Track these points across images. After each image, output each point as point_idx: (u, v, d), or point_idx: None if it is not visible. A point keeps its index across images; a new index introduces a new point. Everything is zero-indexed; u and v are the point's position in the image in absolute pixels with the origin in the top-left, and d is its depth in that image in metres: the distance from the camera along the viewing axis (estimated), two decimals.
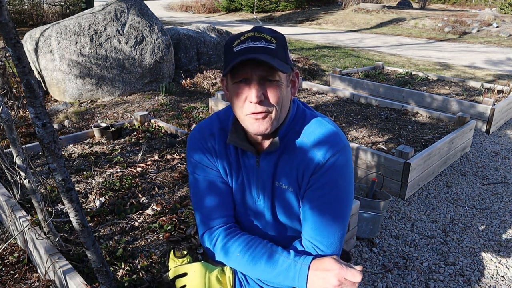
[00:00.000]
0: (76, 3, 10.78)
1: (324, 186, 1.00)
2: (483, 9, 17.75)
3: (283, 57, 0.95)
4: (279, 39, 0.95)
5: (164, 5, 20.48)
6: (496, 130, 4.18)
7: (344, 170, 1.01)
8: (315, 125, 1.04)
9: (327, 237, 1.01)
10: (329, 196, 1.00)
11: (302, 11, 16.89)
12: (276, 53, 0.93)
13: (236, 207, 1.15)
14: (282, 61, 0.94)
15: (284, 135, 1.04)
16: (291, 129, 1.05)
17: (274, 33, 0.97)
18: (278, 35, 0.96)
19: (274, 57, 0.92)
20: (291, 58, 1.00)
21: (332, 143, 1.00)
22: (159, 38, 4.76)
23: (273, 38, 0.94)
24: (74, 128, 3.77)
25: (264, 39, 0.93)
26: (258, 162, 1.06)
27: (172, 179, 2.42)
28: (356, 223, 2.19)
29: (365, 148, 2.90)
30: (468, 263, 2.17)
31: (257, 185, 1.09)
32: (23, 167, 1.61)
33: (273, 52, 0.93)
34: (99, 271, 1.30)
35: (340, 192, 1.01)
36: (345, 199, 1.02)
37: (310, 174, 1.01)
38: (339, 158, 0.99)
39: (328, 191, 1.00)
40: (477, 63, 7.67)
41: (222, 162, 1.10)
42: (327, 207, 1.00)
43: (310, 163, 1.00)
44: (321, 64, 7.13)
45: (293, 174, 1.03)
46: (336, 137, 1.02)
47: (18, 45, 0.87)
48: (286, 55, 0.97)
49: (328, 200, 1.00)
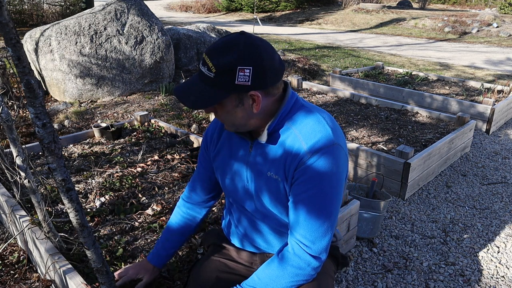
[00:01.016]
0: (76, 3, 10.78)
1: (306, 181, 1.01)
2: (483, 9, 17.75)
3: (218, 84, 0.98)
4: (221, 67, 0.96)
5: (164, 5, 20.48)
6: (496, 130, 4.18)
7: (330, 167, 1.00)
8: (308, 119, 1.05)
9: (310, 232, 1.01)
10: (312, 191, 1.01)
11: (302, 11, 16.89)
12: (208, 83, 0.98)
13: (227, 187, 1.25)
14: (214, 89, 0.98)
15: (273, 130, 1.07)
16: (283, 123, 1.07)
17: (223, 57, 0.96)
18: (226, 60, 0.95)
19: (197, 90, 1.00)
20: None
21: (320, 139, 1.01)
22: (159, 38, 4.76)
23: (213, 67, 0.96)
24: (74, 128, 3.77)
25: (207, 66, 0.98)
26: (251, 148, 1.12)
27: (172, 179, 2.42)
28: (356, 223, 2.19)
29: (365, 148, 2.90)
30: (468, 263, 2.17)
31: (246, 170, 1.15)
32: (23, 167, 1.61)
33: (207, 81, 0.98)
34: (99, 271, 1.30)
35: (324, 189, 1.01)
36: (329, 196, 1.02)
37: (295, 168, 1.03)
38: (325, 155, 1.00)
39: (310, 186, 1.01)
40: (477, 63, 7.67)
41: (222, 143, 1.22)
42: (310, 202, 1.01)
43: (295, 156, 1.02)
44: (321, 64, 7.13)
45: (281, 165, 1.06)
46: (327, 134, 1.02)
47: (18, 45, 0.87)
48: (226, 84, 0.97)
49: (311, 195, 1.01)
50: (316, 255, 1.02)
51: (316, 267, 1.03)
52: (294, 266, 1.02)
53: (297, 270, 1.02)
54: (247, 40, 0.97)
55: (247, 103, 1.01)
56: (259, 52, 0.96)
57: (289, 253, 1.03)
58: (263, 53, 0.97)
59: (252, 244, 1.26)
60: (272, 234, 1.19)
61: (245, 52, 0.95)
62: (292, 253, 1.02)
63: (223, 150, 1.22)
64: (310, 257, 1.01)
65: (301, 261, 1.02)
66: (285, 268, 1.03)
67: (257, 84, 0.98)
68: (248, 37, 0.97)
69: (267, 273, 1.06)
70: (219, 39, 1.01)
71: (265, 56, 0.97)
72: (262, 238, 1.22)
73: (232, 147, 1.19)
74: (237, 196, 1.22)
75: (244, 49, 0.95)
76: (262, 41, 0.99)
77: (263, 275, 1.06)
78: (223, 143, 1.22)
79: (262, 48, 0.98)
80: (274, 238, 1.20)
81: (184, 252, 1.76)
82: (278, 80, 1.02)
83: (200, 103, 1.00)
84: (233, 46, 0.96)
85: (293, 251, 1.02)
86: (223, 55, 0.96)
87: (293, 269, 1.02)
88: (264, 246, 1.23)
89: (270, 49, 0.99)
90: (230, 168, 1.20)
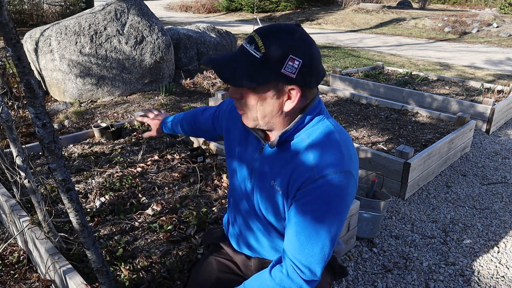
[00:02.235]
0: (76, 3, 10.78)
1: (309, 203, 0.96)
2: (483, 9, 17.75)
3: (262, 67, 0.91)
4: (272, 49, 0.90)
5: (164, 5, 20.48)
6: (496, 130, 4.18)
7: (336, 194, 0.95)
8: (325, 138, 0.99)
9: (306, 257, 0.97)
10: (314, 215, 0.96)
11: (302, 11, 16.89)
12: (252, 62, 0.91)
13: (229, 179, 1.26)
14: (257, 70, 0.91)
15: (286, 139, 1.02)
16: (299, 133, 1.01)
17: (277, 39, 0.90)
18: (280, 43, 0.90)
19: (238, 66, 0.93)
20: (295, 71, 0.92)
21: (332, 163, 0.96)
22: (159, 38, 4.76)
23: (263, 47, 0.90)
24: (74, 128, 3.77)
25: (256, 44, 0.92)
26: (261, 150, 1.08)
27: (172, 179, 2.42)
28: (356, 223, 2.19)
29: (365, 148, 2.90)
30: (468, 263, 2.17)
31: (250, 172, 1.13)
32: (23, 167, 1.61)
33: (251, 59, 0.91)
34: (99, 271, 1.30)
35: (326, 215, 0.96)
36: (331, 223, 0.96)
37: (298, 187, 0.97)
38: (333, 181, 0.94)
39: (312, 210, 0.96)
40: (477, 63, 7.67)
41: (236, 127, 1.19)
42: (309, 226, 0.96)
43: (301, 174, 0.97)
44: None
45: (286, 178, 1.01)
46: (340, 159, 0.96)
47: (18, 45, 0.87)
48: (272, 68, 0.91)
49: (311, 220, 0.96)
50: (309, 279, 0.99)
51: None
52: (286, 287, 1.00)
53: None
54: (304, 33, 0.93)
55: (282, 97, 0.96)
56: (312, 49, 0.93)
57: (283, 275, 1.00)
58: (315, 51, 0.93)
59: (246, 243, 1.25)
60: (264, 235, 1.18)
61: (300, 43, 0.91)
62: (285, 275, 0.99)
63: (234, 133, 1.18)
64: (303, 281, 0.99)
65: (294, 284, 0.99)
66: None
67: (301, 80, 0.92)
68: (303, 31, 0.94)
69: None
70: (272, 24, 0.95)
71: (316, 55, 0.94)
72: (254, 238, 1.21)
73: (242, 137, 1.15)
74: (236, 193, 1.21)
75: (299, 39, 0.91)
76: (314, 42, 0.97)
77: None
78: (236, 125, 1.18)
79: (315, 46, 0.94)
80: (265, 239, 1.19)
81: (184, 252, 1.76)
82: (317, 83, 0.97)
83: (238, 79, 0.93)
84: (289, 32, 0.91)
85: (286, 273, 0.99)
86: (277, 37, 0.91)
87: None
88: (256, 246, 1.23)
89: (318, 51, 0.96)
90: (235, 161, 1.18)
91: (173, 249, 1.77)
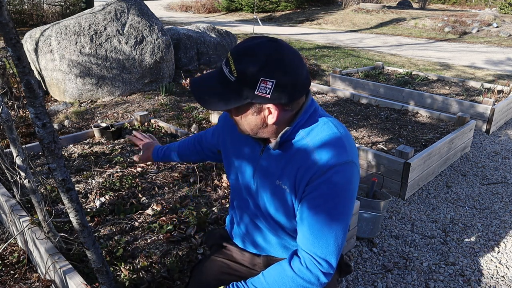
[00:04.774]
0: (76, 3, 10.78)
1: (319, 197, 0.99)
2: (483, 9, 17.76)
3: (236, 90, 0.93)
4: (244, 73, 0.91)
5: (164, 5, 20.48)
6: (496, 130, 4.18)
7: (344, 185, 0.98)
8: (324, 133, 1.02)
9: (322, 249, 1.01)
10: (325, 207, 0.99)
11: (302, 11, 16.89)
12: (227, 85, 0.94)
13: (231, 181, 1.26)
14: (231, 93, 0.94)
15: (286, 139, 1.04)
16: (298, 132, 1.04)
17: (248, 64, 0.91)
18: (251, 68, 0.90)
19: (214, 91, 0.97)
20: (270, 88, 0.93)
21: (336, 155, 0.98)
22: (159, 38, 4.76)
23: (235, 71, 0.91)
24: (74, 128, 3.77)
25: (230, 68, 0.93)
26: (262, 152, 1.11)
27: (172, 179, 2.42)
28: (356, 223, 2.19)
29: (365, 148, 2.90)
30: (468, 263, 2.17)
31: (254, 173, 1.14)
32: (23, 167, 1.61)
33: (227, 83, 0.94)
34: (99, 271, 1.30)
35: (337, 206, 0.99)
36: (342, 214, 1.00)
37: (306, 182, 1.00)
38: (339, 172, 0.97)
39: (323, 202, 0.99)
40: (477, 63, 7.67)
41: (236, 129, 1.19)
42: (323, 219, 0.99)
43: (308, 170, 0.99)
44: (321, 64, 7.13)
45: (292, 176, 1.03)
46: (343, 151, 0.99)
47: (18, 45, 0.87)
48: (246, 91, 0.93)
49: (323, 212, 0.99)
50: (327, 271, 1.03)
51: (325, 282, 1.04)
52: (305, 279, 1.03)
53: (307, 284, 1.03)
54: (278, 50, 0.91)
55: (262, 113, 0.98)
56: (286, 67, 0.92)
57: (302, 266, 1.03)
58: (289, 68, 0.92)
59: (252, 242, 1.26)
60: (272, 233, 1.19)
61: (273, 62, 0.90)
62: (304, 267, 1.03)
63: (232, 136, 1.21)
64: (321, 273, 1.02)
65: (312, 276, 1.02)
66: (295, 280, 1.03)
67: (277, 98, 0.93)
68: (279, 47, 0.92)
69: (275, 279, 1.06)
70: (248, 40, 0.95)
71: (290, 72, 0.92)
72: (261, 237, 1.22)
73: (242, 139, 1.17)
74: (240, 194, 1.22)
75: (271, 60, 0.90)
76: (294, 54, 0.94)
77: (271, 280, 1.06)
78: (234, 130, 1.20)
79: (291, 62, 0.93)
80: (273, 237, 1.20)
81: (184, 252, 1.76)
82: (300, 96, 0.97)
83: (215, 105, 0.97)
84: (261, 53, 0.91)
85: (305, 265, 1.03)
86: (248, 61, 0.91)
87: (303, 282, 1.03)
88: (264, 245, 1.23)
89: (298, 63, 0.94)
90: (237, 163, 1.19)
91: (173, 249, 1.77)
